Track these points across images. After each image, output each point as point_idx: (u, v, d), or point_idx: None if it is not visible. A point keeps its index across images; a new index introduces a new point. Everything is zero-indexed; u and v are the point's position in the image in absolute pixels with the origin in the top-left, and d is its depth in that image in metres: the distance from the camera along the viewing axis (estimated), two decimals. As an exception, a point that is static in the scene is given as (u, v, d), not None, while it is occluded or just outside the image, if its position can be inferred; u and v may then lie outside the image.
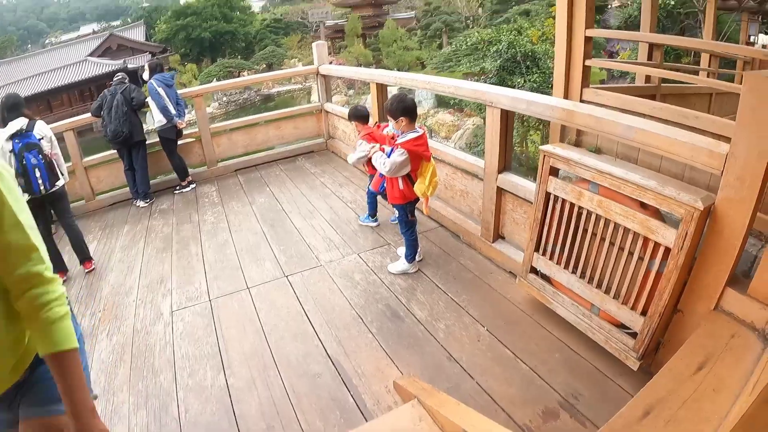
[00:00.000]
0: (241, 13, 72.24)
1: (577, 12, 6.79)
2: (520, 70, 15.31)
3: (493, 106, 4.53)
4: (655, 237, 2.99)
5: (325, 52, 9.40)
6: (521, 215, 4.62)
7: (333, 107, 9.13)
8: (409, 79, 6.33)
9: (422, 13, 61.78)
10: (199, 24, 65.00)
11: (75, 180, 7.91)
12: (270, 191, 7.62)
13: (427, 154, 4.44)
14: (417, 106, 4.52)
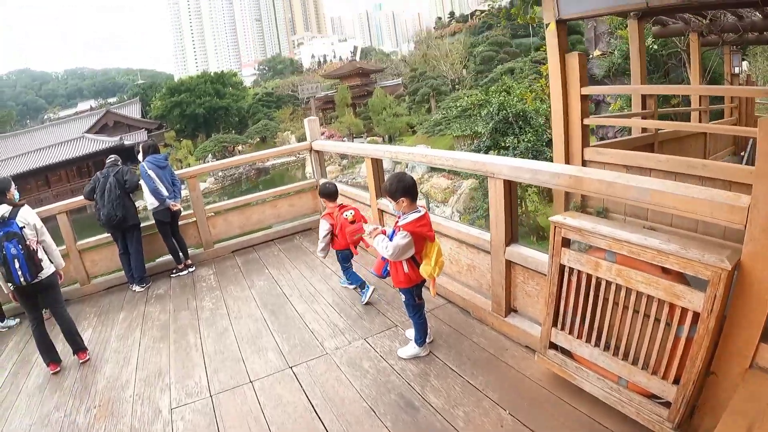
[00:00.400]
0: (234, 88, 73.75)
1: (570, 71, 6.74)
2: (513, 131, 15.27)
3: (495, 177, 4.40)
4: (682, 302, 2.82)
5: (317, 128, 9.35)
6: (533, 287, 4.42)
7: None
8: (405, 153, 6.24)
9: (409, 79, 63.32)
10: (192, 100, 66.42)
11: (69, 263, 7.68)
12: (269, 273, 7.41)
13: (431, 235, 4.26)
14: (417, 184, 4.38)
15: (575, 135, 6.39)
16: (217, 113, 69.12)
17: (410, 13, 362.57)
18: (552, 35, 6.92)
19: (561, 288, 3.64)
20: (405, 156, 6.08)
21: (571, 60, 6.69)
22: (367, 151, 7.18)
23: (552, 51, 6.94)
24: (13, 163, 53.35)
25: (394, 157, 6.36)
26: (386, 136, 50.14)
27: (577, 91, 6.36)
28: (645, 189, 3.07)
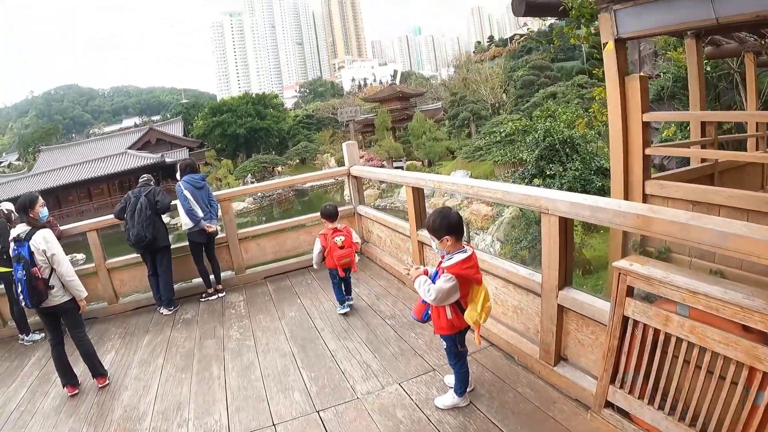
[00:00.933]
0: (275, 110, 74.44)
1: (631, 95, 6.28)
2: (560, 158, 14.59)
3: (550, 213, 4.01)
4: (764, 366, 2.45)
5: (356, 152, 9.08)
6: (588, 336, 4.00)
7: (367, 210, 8.72)
8: (449, 184, 5.79)
9: (449, 104, 62.75)
10: (234, 120, 67.20)
11: (98, 282, 7.83)
12: (301, 303, 7.07)
13: (478, 277, 3.87)
14: (462, 221, 4.01)
15: (635, 166, 5.95)
16: (258, 134, 69.74)
17: (449, 36, 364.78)
18: (610, 56, 6.51)
19: (622, 341, 3.26)
20: (449, 186, 5.65)
21: (632, 83, 6.25)
22: (407, 180, 6.82)
23: (610, 73, 6.52)
24: (57, 175, 55.16)
25: (437, 187, 5.94)
26: (426, 161, 49.73)
27: (638, 118, 5.93)
28: (724, 233, 2.66)
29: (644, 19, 6.21)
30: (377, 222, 8.17)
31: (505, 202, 4.78)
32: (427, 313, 4.11)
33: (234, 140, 68.56)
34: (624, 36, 6.43)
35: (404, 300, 6.47)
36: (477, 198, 5.53)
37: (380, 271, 7.85)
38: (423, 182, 6.43)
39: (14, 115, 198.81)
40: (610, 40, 6.46)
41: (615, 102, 6.10)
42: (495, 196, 4.83)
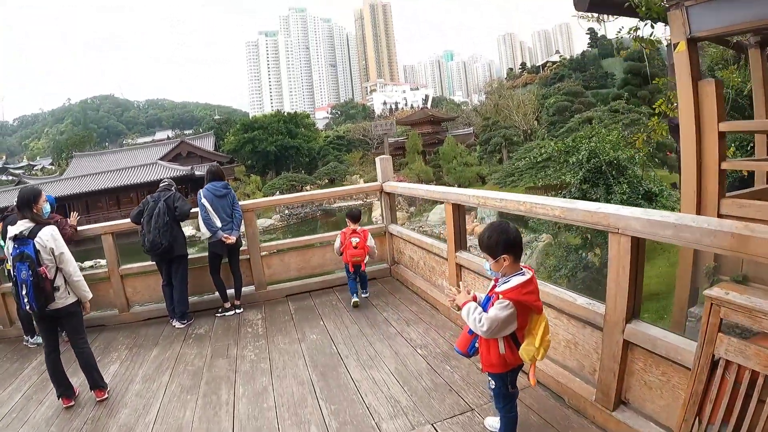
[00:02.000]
0: (306, 129, 75.11)
1: (705, 102, 5.62)
2: (605, 181, 13.70)
3: (620, 233, 3.44)
4: None
5: (390, 168, 8.58)
6: (657, 377, 3.39)
7: (399, 229, 8.15)
8: (497, 200, 5.14)
9: (481, 129, 62.53)
10: (265, 138, 68.03)
11: (110, 287, 7.51)
12: (323, 326, 6.49)
13: (539, 305, 3.23)
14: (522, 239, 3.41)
15: (710, 182, 5.34)
16: (288, 152, 70.01)
17: (482, 62, 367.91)
18: (681, 58, 5.85)
19: (709, 385, 2.64)
20: (496, 203, 5.01)
21: (706, 88, 5.61)
22: (447, 196, 6.27)
23: (682, 77, 5.87)
24: (87, 180, 56.15)
25: (482, 203, 5.32)
26: (456, 185, 49.23)
27: (713, 128, 5.31)
28: None
29: (721, 15, 5.58)
30: (410, 242, 7.63)
31: (565, 220, 4.14)
32: (474, 345, 3.45)
33: (264, 157, 68.96)
34: (698, 35, 5.80)
35: (437, 328, 5.90)
36: (531, 216, 4.82)
37: (411, 296, 7.27)
38: (465, 198, 5.84)
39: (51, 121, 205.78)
40: (681, 40, 5.83)
41: (687, 110, 5.49)
42: (552, 213, 4.21)
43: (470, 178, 48.75)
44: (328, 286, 8.07)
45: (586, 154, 13.77)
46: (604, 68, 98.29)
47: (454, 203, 5.99)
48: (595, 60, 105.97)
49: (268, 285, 7.99)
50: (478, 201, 5.44)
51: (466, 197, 5.81)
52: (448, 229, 6.16)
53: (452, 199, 6.04)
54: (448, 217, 6.08)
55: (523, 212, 4.60)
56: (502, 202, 4.89)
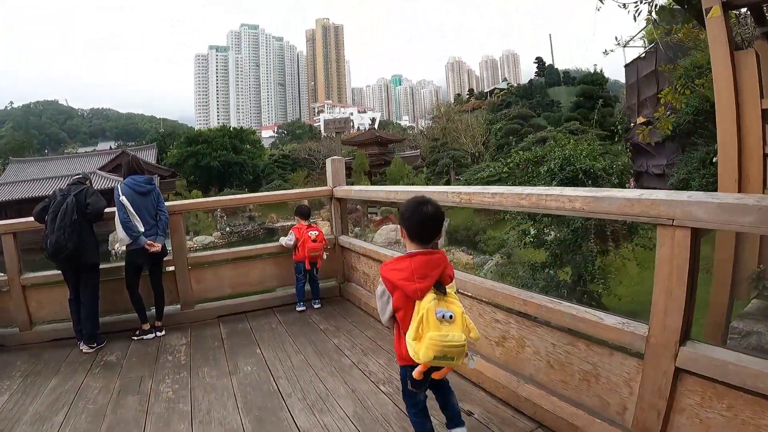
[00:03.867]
0: (251, 146, 75.13)
1: (745, 76, 4.75)
2: None
3: (676, 224, 2.55)
4: None
5: (342, 170, 7.57)
6: (720, 413, 2.52)
7: (352, 241, 7.07)
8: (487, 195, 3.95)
9: (429, 150, 63.59)
10: (209, 152, 67.49)
11: (9, 300, 6.21)
12: (261, 354, 5.30)
13: (410, 287, 2.78)
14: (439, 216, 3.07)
15: (753, 170, 4.49)
16: (232, 168, 69.18)
17: (429, 88, 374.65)
18: (715, 25, 5.00)
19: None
20: (487, 198, 3.88)
21: (746, 59, 4.74)
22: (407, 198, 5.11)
23: (716, 47, 5.01)
24: (22, 187, 55.06)
25: (467, 201, 4.20)
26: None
27: (755, 105, 4.43)
28: None
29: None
30: (365, 256, 6.54)
31: (590, 213, 3.11)
32: None
33: (207, 172, 67.75)
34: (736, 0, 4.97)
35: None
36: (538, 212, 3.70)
37: (366, 319, 6.16)
38: (442, 196, 4.49)
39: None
40: (716, 5, 4.95)
41: (724, 86, 4.63)
42: (570, 206, 3.19)
43: (417, 199, 48.46)
44: (268, 306, 6.92)
45: (559, 162, 12.72)
46: (551, 96, 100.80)
47: None
48: (542, 88, 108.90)
49: (196, 303, 6.75)
50: (460, 199, 4.29)
51: (444, 195, 4.52)
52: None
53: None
54: None
55: (527, 207, 3.54)
56: (496, 197, 3.77)
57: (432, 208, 3.03)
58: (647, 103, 25.51)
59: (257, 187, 67.42)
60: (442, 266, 2.88)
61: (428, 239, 2.99)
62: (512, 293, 3.74)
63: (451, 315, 2.71)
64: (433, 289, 2.77)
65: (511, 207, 3.73)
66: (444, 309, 2.72)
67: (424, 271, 2.82)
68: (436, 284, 2.80)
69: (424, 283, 2.78)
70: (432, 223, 3.01)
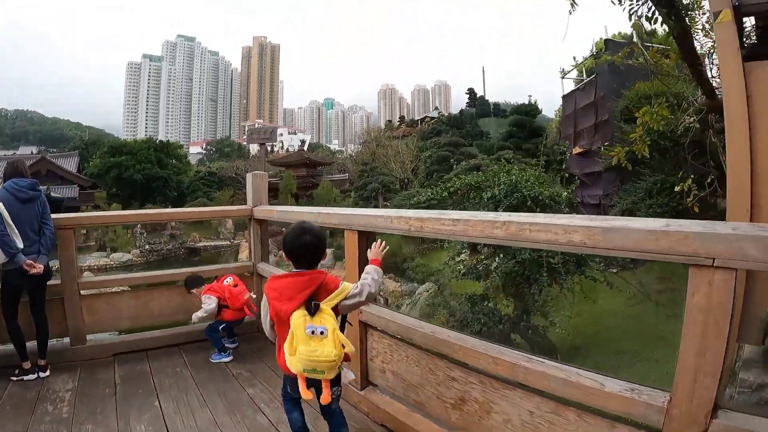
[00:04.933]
0: (177, 160, 73.93)
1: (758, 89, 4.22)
2: None
3: (717, 265, 1.97)
4: None
5: (265, 188, 6.72)
6: None
7: (272, 271, 6.10)
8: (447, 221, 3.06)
9: (357, 174, 63.69)
10: (132, 165, 65.57)
11: None
12: (159, 408, 4.37)
13: (278, 307, 3.04)
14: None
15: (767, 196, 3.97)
16: (156, 183, 67.38)
17: (361, 113, 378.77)
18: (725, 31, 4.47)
19: None
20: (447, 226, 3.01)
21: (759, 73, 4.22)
22: (351, 220, 4.29)
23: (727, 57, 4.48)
24: None
25: (417, 229, 3.36)
26: (328, 231, 47.73)
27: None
28: None
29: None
30: None
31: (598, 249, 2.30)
32: None
33: (130, 185, 65.65)
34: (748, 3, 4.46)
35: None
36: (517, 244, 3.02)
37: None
38: (384, 222, 3.83)
39: None
40: (725, 8, 4.44)
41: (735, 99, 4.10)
42: (567, 240, 2.45)
43: (342, 224, 48.10)
44: (174, 342, 5.98)
45: (505, 188, 12.06)
46: (480, 126, 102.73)
47: (361, 231, 4.11)
48: (472, 118, 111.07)
49: (88, 338, 5.71)
50: (408, 226, 3.52)
51: (387, 221, 3.78)
52: (348, 271, 4.30)
53: (358, 224, 4.15)
54: (351, 254, 4.24)
55: (503, 239, 2.80)
56: (459, 225, 3.00)
57: (311, 238, 3.21)
58: (584, 134, 26.11)
59: (181, 203, 65.70)
60: (314, 286, 3.02)
61: (308, 265, 3.15)
62: (476, 348, 3.02)
63: (323, 330, 2.88)
64: (303, 307, 2.93)
65: (479, 238, 2.99)
66: (315, 325, 2.90)
67: (291, 293, 3.00)
68: (308, 302, 2.94)
69: (290, 305, 2.96)
70: (311, 251, 3.18)
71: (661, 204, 14.14)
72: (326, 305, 2.97)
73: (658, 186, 14.30)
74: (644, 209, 14.59)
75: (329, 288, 3.08)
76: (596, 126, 24.84)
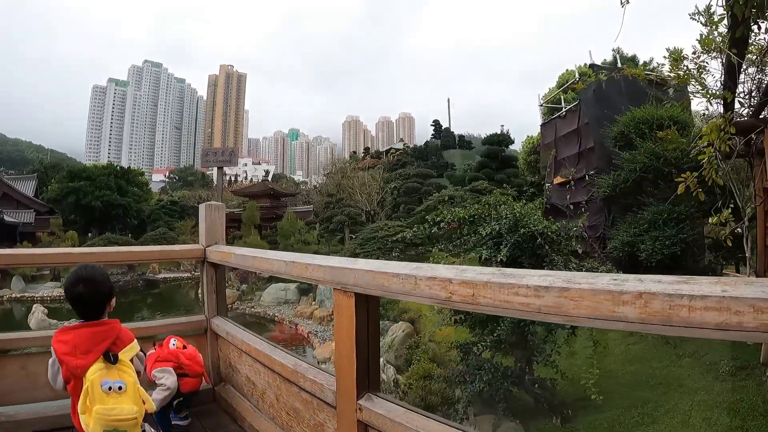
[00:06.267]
0: (138, 188, 72.53)
1: None
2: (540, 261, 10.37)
3: None
4: None
5: (221, 223, 5.44)
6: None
7: (231, 328, 4.84)
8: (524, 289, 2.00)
9: (323, 206, 62.97)
10: (91, 191, 63.56)
11: None
12: None
13: (74, 363, 2.70)
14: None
15: None
16: (116, 210, 65.57)
17: (325, 145, 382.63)
18: None
19: None
20: (571, 307, 1.93)
21: None
22: (344, 279, 2.91)
23: None
24: None
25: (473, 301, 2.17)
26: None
27: None
28: None
29: None
30: (250, 355, 4.35)
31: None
32: None
33: (88, 212, 63.57)
34: None
35: None
36: (667, 330, 1.88)
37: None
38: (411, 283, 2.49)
39: None
40: None
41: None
42: None
43: (308, 258, 46.74)
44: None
45: (508, 222, 10.42)
46: (446, 158, 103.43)
47: (360, 294, 2.83)
48: (437, 150, 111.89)
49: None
50: (448, 293, 2.21)
51: (408, 281, 2.51)
52: (338, 350, 3.05)
53: (357, 283, 2.82)
54: (344, 326, 2.95)
55: (638, 322, 1.61)
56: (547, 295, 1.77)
57: (84, 288, 2.91)
58: (566, 163, 25.36)
59: (141, 232, 63.91)
60: (112, 337, 2.82)
61: (98, 315, 2.91)
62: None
63: (121, 386, 2.66)
64: (102, 359, 2.70)
65: (591, 318, 1.76)
66: (113, 380, 2.66)
67: (87, 346, 2.74)
68: (105, 354, 2.72)
69: (86, 359, 2.70)
70: (87, 306, 2.90)
71: (669, 236, 13.17)
72: (125, 356, 2.80)
73: (665, 216, 13.38)
74: (649, 242, 13.79)
75: (124, 339, 2.91)
76: (580, 154, 24.27)
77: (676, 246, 13.25)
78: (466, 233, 11.13)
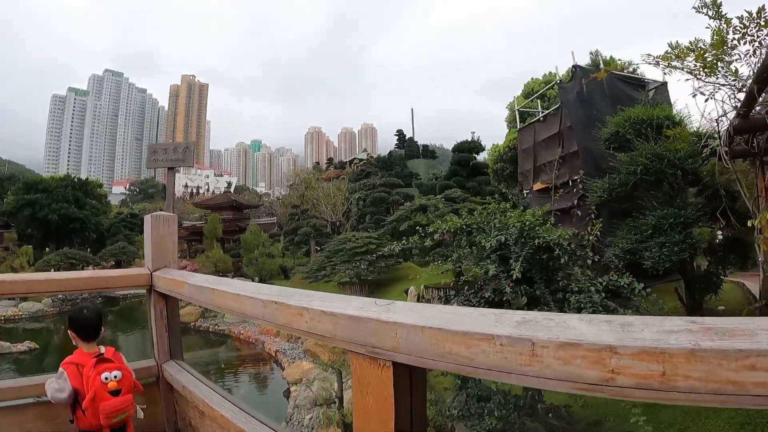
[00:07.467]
0: (97, 200, 70.92)
1: None
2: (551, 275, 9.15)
3: None
4: None
5: (173, 239, 4.11)
6: None
7: (190, 379, 3.59)
8: None
9: (287, 218, 62.84)
10: (48, 204, 61.63)
11: None
12: None
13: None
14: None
15: None
16: (73, 224, 63.43)
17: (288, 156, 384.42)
18: None
19: None
20: None
21: None
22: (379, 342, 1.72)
23: None
24: None
25: None
26: (256, 278, 44.70)
27: None
28: None
29: None
30: (216, 422, 3.11)
31: None
32: None
33: (44, 226, 61.43)
34: None
35: None
36: None
37: None
38: (527, 356, 1.38)
39: None
40: None
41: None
42: None
43: (273, 271, 46.02)
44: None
45: (515, 231, 9.05)
46: (410, 168, 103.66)
47: (400, 365, 1.69)
48: (401, 160, 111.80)
49: None
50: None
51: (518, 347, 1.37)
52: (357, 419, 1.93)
53: (398, 348, 1.67)
54: (372, 404, 1.79)
55: None
56: None
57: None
58: (546, 168, 24.29)
59: (101, 246, 62.45)
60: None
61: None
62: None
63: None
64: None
65: None
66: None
67: None
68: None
69: None
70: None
71: (677, 241, 12.23)
72: None
73: (671, 220, 12.52)
74: (655, 249, 12.99)
75: None
76: (563, 158, 23.18)
77: (684, 252, 12.44)
78: (464, 244, 9.81)
